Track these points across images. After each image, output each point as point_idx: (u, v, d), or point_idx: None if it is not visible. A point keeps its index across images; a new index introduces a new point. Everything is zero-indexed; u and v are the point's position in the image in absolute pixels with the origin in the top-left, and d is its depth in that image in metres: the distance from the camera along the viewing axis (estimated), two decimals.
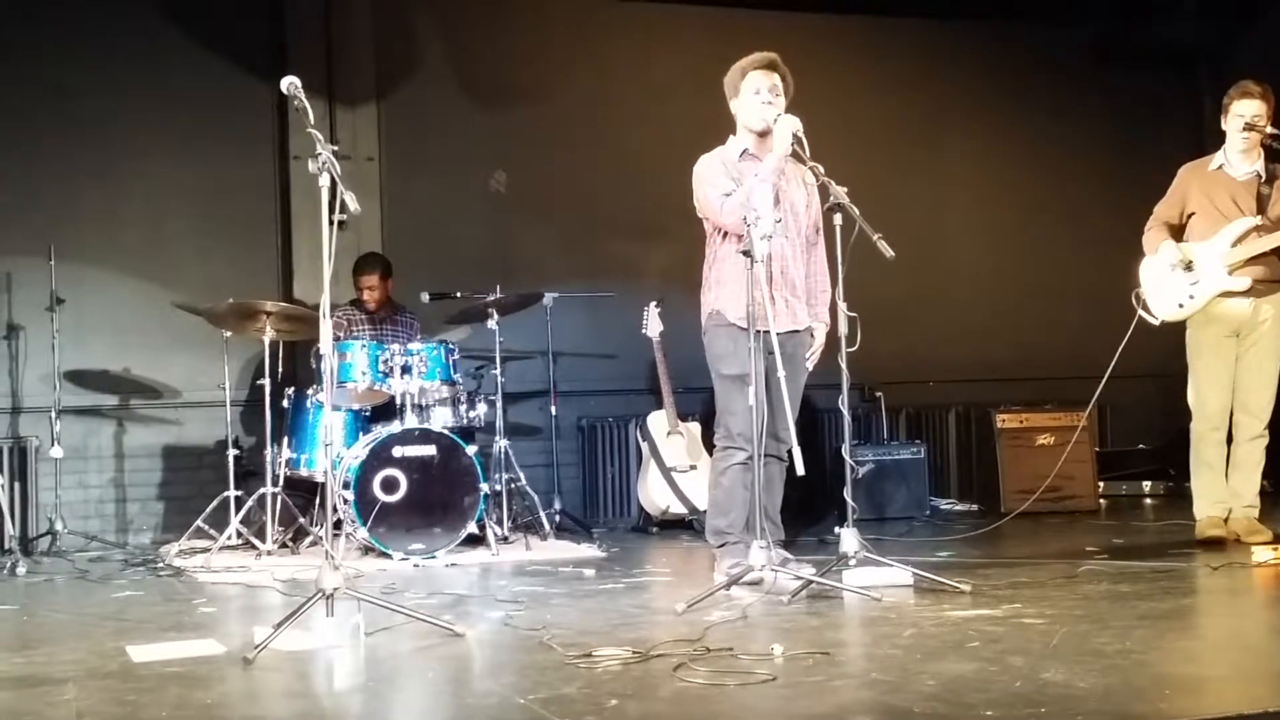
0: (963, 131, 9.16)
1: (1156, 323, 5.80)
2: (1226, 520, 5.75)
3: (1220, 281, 5.64)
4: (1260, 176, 5.73)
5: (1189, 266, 5.68)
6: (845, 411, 4.89)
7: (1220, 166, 5.78)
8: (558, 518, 7.09)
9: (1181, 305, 5.72)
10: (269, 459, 6.42)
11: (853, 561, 4.73)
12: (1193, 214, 5.80)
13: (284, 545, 6.34)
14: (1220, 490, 5.75)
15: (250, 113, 7.73)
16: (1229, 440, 5.77)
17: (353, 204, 4.05)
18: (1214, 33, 9.04)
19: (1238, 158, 5.73)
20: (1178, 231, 5.84)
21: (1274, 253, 5.65)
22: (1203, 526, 5.73)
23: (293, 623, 3.87)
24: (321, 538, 5.47)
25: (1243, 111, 5.63)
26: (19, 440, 7.05)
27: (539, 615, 4.42)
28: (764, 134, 5.13)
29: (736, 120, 5.25)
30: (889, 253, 4.62)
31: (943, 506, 8.10)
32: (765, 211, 4.73)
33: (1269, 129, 5.55)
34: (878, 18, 8.95)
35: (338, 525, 5.92)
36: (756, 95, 5.11)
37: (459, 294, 7.14)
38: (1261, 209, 5.67)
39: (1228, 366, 5.72)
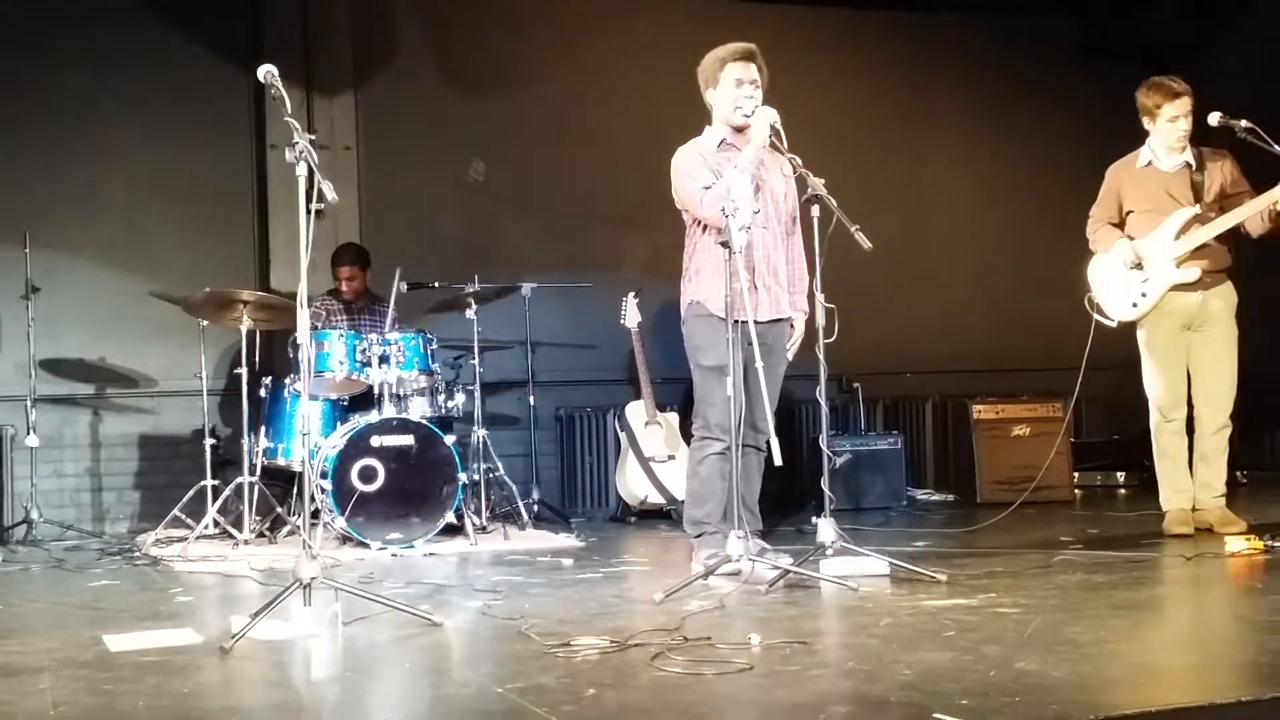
0: (943, 124, 9.19)
1: (1114, 324, 5.82)
2: (1193, 510, 5.78)
3: (1170, 275, 5.67)
4: (1190, 165, 5.76)
5: (1139, 265, 5.71)
6: (823, 402, 4.90)
7: (1149, 163, 5.81)
8: (536, 507, 7.10)
9: (1135, 304, 5.75)
10: (246, 448, 6.40)
11: (830, 551, 4.75)
12: (1130, 212, 5.83)
13: (261, 535, 6.32)
14: (1184, 479, 5.78)
15: (227, 101, 7.69)
16: (1190, 430, 5.81)
17: (330, 193, 4.03)
18: (1193, 31, 9.10)
19: (1166, 152, 5.76)
20: (1118, 229, 5.88)
21: (1219, 241, 5.70)
22: (1170, 522, 5.76)
23: (270, 612, 3.86)
24: (299, 527, 5.45)
25: (1176, 112, 5.65)
26: None
27: (517, 605, 4.42)
28: (741, 129, 5.13)
29: (712, 110, 5.25)
30: (866, 244, 4.63)
31: (919, 497, 8.13)
32: (744, 203, 4.73)
33: (1244, 122, 5.55)
34: (859, 10, 8.98)
35: (315, 515, 5.92)
36: (737, 88, 5.12)
37: (436, 284, 7.13)
38: (1198, 197, 5.71)
39: (1180, 360, 5.75)
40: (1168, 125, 5.68)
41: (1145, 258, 5.70)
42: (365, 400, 6.54)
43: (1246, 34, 9.11)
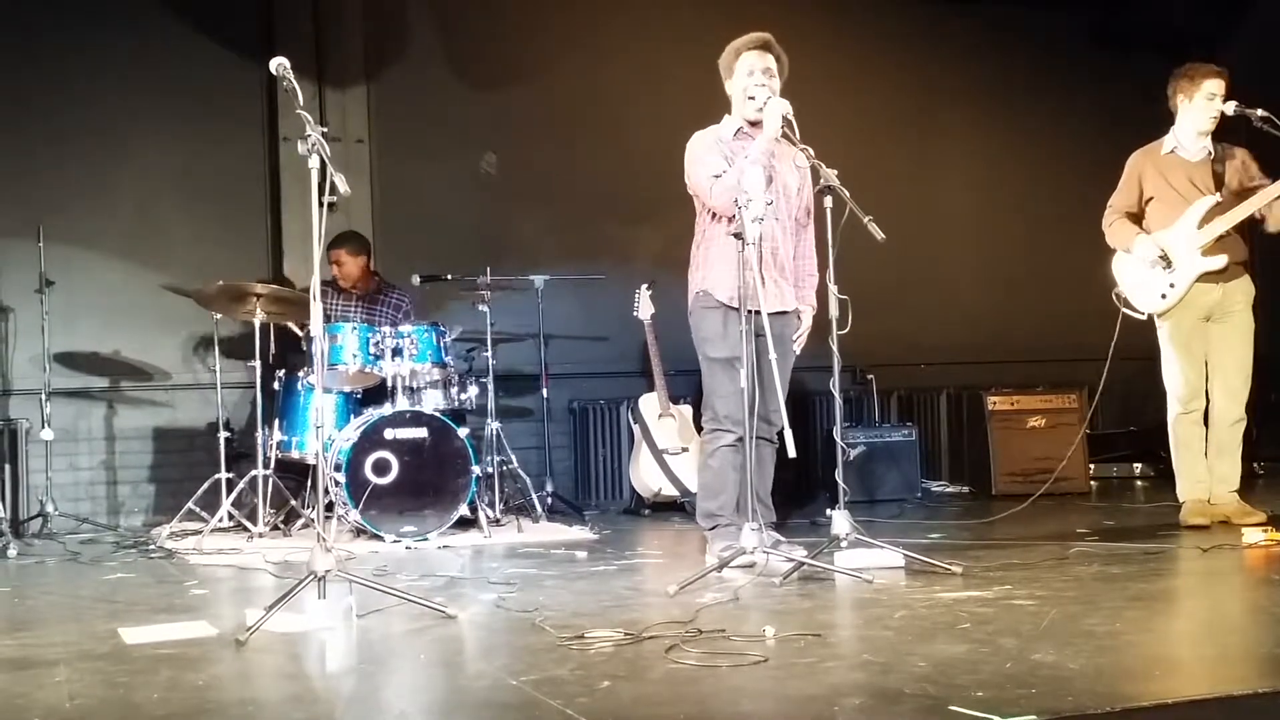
0: (956, 114, 9.17)
1: (1144, 316, 5.81)
2: (1210, 502, 5.76)
3: (1197, 265, 5.65)
4: (1211, 154, 5.74)
5: (1165, 258, 5.68)
6: (837, 394, 4.88)
7: (1173, 150, 5.79)
8: (549, 500, 7.09)
9: (1164, 296, 5.72)
10: (260, 441, 6.41)
11: (844, 543, 4.73)
12: (1150, 199, 5.81)
13: (275, 527, 6.34)
14: (1201, 470, 5.77)
15: (239, 94, 7.71)
16: (1206, 421, 5.80)
17: (343, 186, 4.03)
18: (1208, 18, 9.07)
19: (1193, 139, 5.74)
20: (1136, 219, 5.86)
21: (1236, 234, 5.67)
22: (1187, 513, 5.74)
23: (285, 604, 3.86)
24: (313, 520, 5.46)
25: (1215, 90, 5.65)
26: (9, 422, 7.02)
27: (531, 597, 4.42)
28: (756, 123, 5.10)
29: (732, 101, 5.23)
30: (880, 235, 4.60)
31: (934, 488, 8.12)
32: (756, 193, 4.71)
33: (1260, 111, 5.53)
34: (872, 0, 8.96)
35: (329, 507, 5.93)
36: (750, 76, 5.09)
37: (449, 276, 7.13)
38: (1219, 186, 5.69)
39: (1200, 352, 5.74)
40: (1205, 103, 5.66)
41: (1169, 248, 5.68)
42: (378, 393, 6.55)
43: (1261, 23, 9.06)
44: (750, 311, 4.66)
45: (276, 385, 6.65)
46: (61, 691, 3.20)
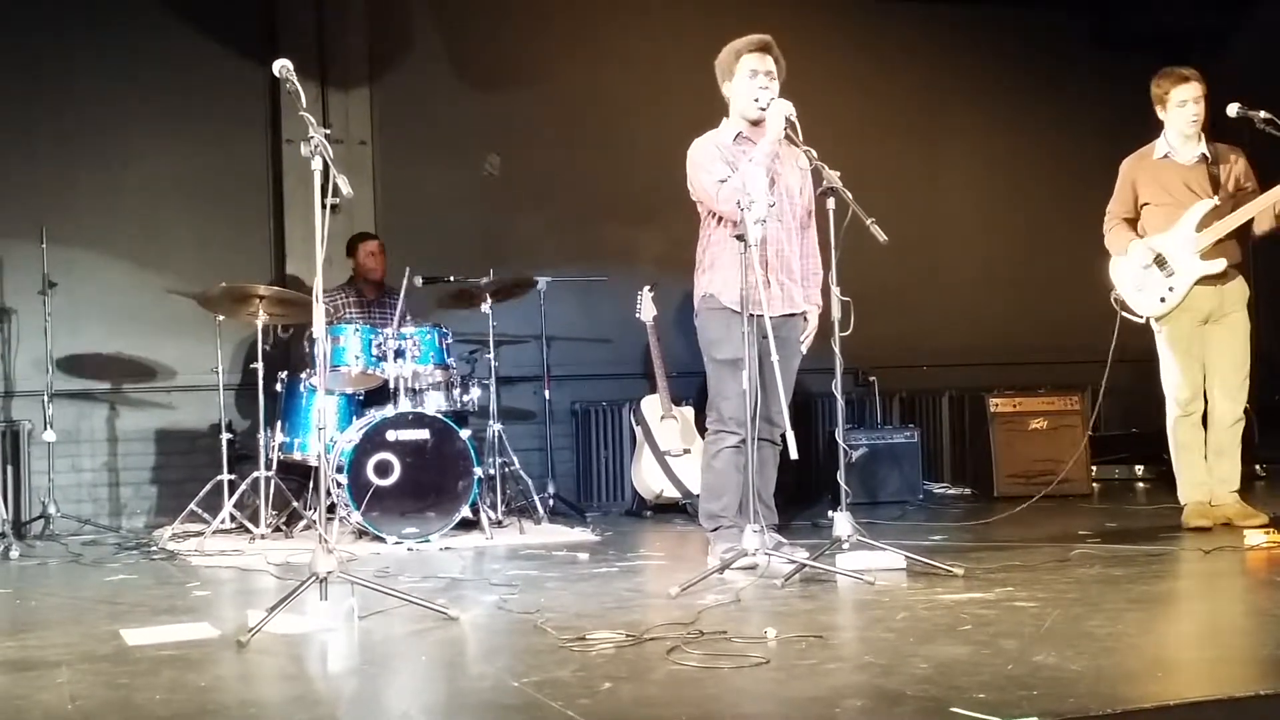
0: (958, 115, 9.16)
1: (1143, 320, 5.81)
2: (1211, 504, 5.76)
3: (1196, 268, 5.65)
4: (1206, 158, 5.74)
5: (1161, 261, 5.68)
6: (839, 395, 4.89)
7: (1166, 155, 5.78)
8: (551, 502, 7.09)
9: (1164, 300, 5.72)
10: (262, 443, 6.42)
11: (846, 545, 4.73)
12: (1146, 204, 5.81)
13: (277, 529, 6.35)
14: (1202, 472, 5.76)
15: (242, 96, 7.71)
16: (1204, 423, 5.80)
17: (345, 188, 4.03)
18: (1211, 19, 9.07)
19: (1182, 143, 5.74)
20: (1134, 223, 5.86)
21: (1233, 237, 5.67)
22: (1189, 515, 5.73)
23: (287, 606, 3.87)
24: (315, 521, 5.46)
25: (1185, 96, 5.65)
26: (11, 424, 7.04)
27: (533, 599, 4.42)
28: (757, 122, 5.11)
29: (729, 103, 5.23)
30: (882, 237, 4.61)
31: (936, 490, 8.11)
32: (759, 195, 4.72)
33: (1262, 113, 5.52)
34: (874, 1, 8.94)
35: (331, 509, 5.93)
36: (751, 79, 5.10)
37: (452, 278, 7.13)
38: (1215, 190, 5.69)
39: (1198, 354, 5.74)
40: (1178, 110, 5.66)
41: (1166, 253, 5.67)
42: (381, 394, 6.55)
43: (1261, 23, 9.06)
44: (754, 314, 4.66)
45: (279, 387, 6.65)
46: (63, 693, 3.20)
